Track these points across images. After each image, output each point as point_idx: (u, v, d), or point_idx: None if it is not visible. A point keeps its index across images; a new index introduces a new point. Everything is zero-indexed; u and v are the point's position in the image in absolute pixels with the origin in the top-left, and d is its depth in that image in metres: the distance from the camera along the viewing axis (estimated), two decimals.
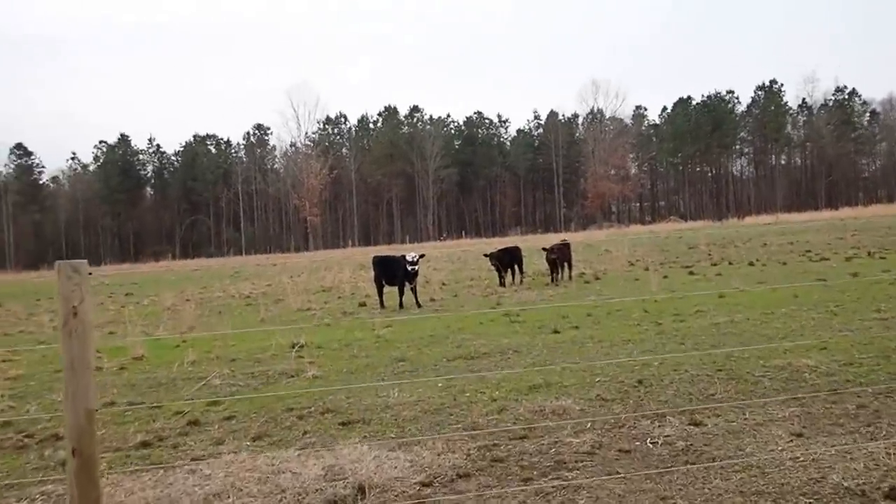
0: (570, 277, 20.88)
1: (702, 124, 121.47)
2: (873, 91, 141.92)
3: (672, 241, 39.09)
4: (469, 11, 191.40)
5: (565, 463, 5.70)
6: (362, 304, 17.81)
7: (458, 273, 26.46)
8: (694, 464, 5.48)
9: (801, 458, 5.39)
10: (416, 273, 16.75)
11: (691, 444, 5.95)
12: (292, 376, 9.73)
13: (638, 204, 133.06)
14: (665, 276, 19.30)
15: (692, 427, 6.38)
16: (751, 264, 21.72)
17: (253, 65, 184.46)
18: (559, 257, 20.32)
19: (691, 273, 20.33)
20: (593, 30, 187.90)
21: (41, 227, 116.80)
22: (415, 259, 16.68)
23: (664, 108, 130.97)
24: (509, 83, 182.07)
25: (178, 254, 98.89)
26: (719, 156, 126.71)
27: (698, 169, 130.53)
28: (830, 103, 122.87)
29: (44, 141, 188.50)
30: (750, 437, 6.02)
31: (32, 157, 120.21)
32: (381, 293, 17.24)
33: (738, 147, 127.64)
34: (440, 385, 8.67)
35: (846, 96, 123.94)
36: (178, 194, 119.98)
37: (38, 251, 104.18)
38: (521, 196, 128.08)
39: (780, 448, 5.70)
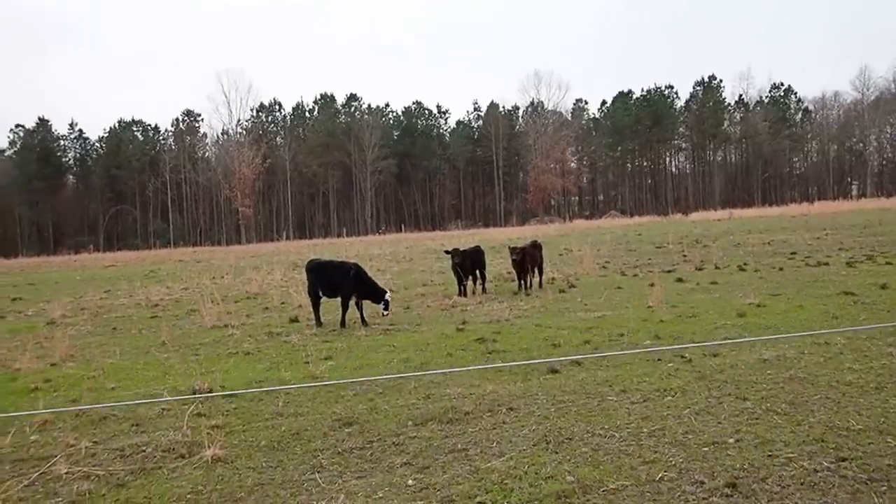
0: (541, 285, 17.78)
1: (641, 119, 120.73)
2: (805, 90, 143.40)
3: (632, 238, 36.45)
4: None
5: None
6: (294, 321, 14.44)
7: (405, 276, 23.22)
8: None
9: None
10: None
11: None
12: (182, 456, 6.46)
13: (577, 198, 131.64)
14: (651, 284, 16.36)
15: None
16: (741, 269, 19.09)
17: (182, 47, 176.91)
18: (529, 260, 17.28)
19: (679, 280, 17.46)
20: (535, 22, 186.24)
21: None
22: None
23: (604, 102, 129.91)
24: (449, 73, 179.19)
25: (102, 245, 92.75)
26: (658, 151, 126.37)
27: (637, 164, 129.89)
28: (766, 100, 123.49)
29: None
30: None
31: None
32: (317, 308, 13.85)
33: (676, 142, 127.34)
34: (411, 484, 5.55)
35: (782, 93, 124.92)
36: (102, 183, 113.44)
37: None
38: (461, 189, 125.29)
39: None
